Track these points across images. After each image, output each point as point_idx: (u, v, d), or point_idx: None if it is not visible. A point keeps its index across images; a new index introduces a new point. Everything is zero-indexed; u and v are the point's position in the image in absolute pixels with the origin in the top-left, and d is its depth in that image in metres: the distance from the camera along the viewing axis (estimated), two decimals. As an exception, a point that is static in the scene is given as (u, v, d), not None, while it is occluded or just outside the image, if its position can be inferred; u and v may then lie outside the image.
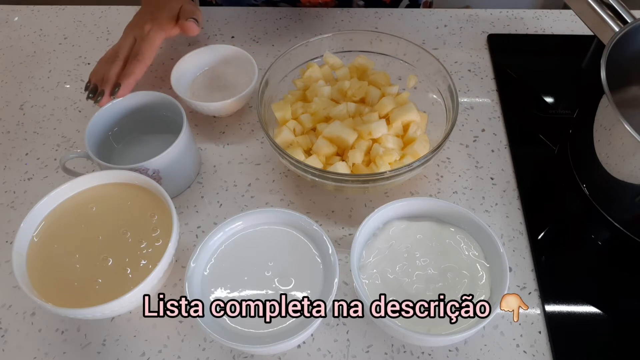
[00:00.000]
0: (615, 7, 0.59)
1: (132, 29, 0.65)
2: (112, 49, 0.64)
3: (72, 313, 0.43)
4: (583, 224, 0.58)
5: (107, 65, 0.61)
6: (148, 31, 0.63)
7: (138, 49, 0.62)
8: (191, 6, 0.67)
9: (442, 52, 0.74)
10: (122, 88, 0.59)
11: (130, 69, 0.60)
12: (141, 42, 0.62)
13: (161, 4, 0.66)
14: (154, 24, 0.64)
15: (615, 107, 0.49)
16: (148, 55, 0.62)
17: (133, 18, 0.68)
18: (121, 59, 0.62)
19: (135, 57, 0.61)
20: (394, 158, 0.54)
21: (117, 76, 0.60)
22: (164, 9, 0.66)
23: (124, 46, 0.63)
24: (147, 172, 0.53)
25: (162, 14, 0.65)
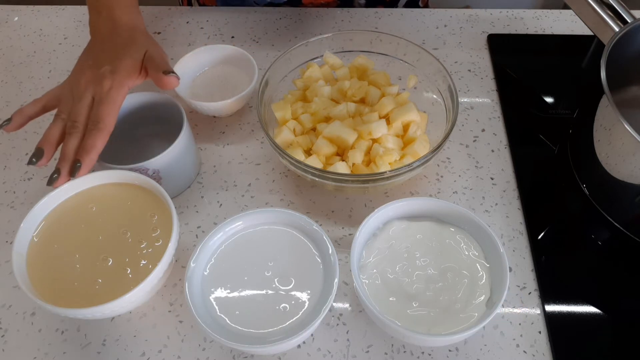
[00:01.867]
0: (615, 7, 0.59)
1: (86, 81, 0.53)
2: (61, 106, 0.53)
3: (72, 313, 0.43)
4: (583, 224, 0.58)
5: (55, 130, 0.52)
6: (108, 89, 0.52)
7: (98, 115, 0.51)
8: (158, 50, 0.57)
9: (442, 52, 0.74)
10: (83, 167, 0.49)
11: (90, 142, 0.50)
12: (100, 106, 0.51)
13: (120, 48, 0.55)
14: (114, 79, 0.52)
15: (615, 107, 0.49)
16: (110, 121, 0.51)
17: (83, 58, 0.56)
18: (80, 129, 0.51)
19: (96, 125, 0.50)
20: (394, 158, 0.54)
21: (76, 151, 0.50)
22: (125, 56, 0.54)
23: (81, 111, 0.52)
24: (147, 172, 0.53)
25: (123, 64, 0.53)
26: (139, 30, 0.59)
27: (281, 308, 0.47)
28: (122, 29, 0.57)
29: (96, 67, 0.54)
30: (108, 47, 0.56)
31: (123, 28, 0.57)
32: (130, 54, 0.55)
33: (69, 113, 0.52)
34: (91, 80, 0.53)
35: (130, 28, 0.58)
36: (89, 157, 0.50)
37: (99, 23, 0.58)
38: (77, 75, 0.54)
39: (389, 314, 0.46)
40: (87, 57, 0.56)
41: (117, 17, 0.58)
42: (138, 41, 0.57)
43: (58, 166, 0.50)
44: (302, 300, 0.47)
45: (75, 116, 0.51)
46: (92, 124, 0.51)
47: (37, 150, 0.51)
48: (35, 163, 0.50)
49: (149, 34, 0.59)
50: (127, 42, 0.56)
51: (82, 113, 0.52)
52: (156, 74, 0.54)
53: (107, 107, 0.51)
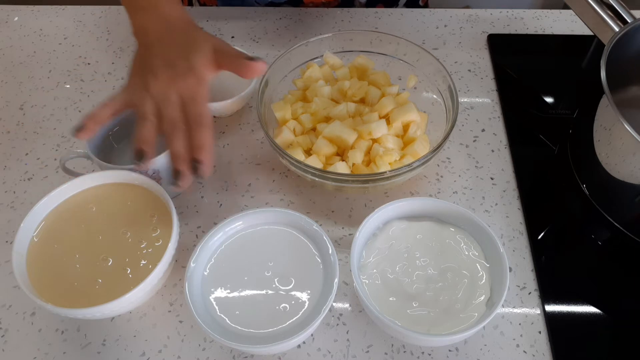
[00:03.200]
0: (615, 7, 0.59)
1: (166, 81, 0.51)
2: (143, 108, 0.50)
3: (72, 313, 0.43)
4: (583, 224, 0.58)
5: (148, 131, 0.50)
6: (194, 86, 0.51)
7: (197, 112, 0.50)
8: (223, 42, 0.55)
9: (442, 52, 0.74)
10: (206, 165, 0.48)
11: (202, 139, 0.49)
12: (195, 102, 0.50)
13: (185, 45, 0.53)
14: (195, 75, 0.51)
15: (615, 107, 0.49)
16: (209, 116, 0.50)
17: (143, 61, 0.53)
18: (182, 128, 0.49)
19: (200, 123, 0.49)
20: (394, 158, 0.55)
21: (188, 150, 0.49)
22: (196, 51, 0.52)
23: (174, 111, 0.50)
24: (147, 172, 0.53)
25: (198, 59, 0.51)
26: (193, 24, 0.56)
27: (281, 308, 0.47)
28: (176, 26, 0.55)
29: (168, 66, 0.51)
30: (170, 45, 0.53)
31: (177, 24, 0.55)
32: (200, 48, 0.52)
33: (156, 114, 0.50)
34: (171, 79, 0.51)
35: (184, 23, 0.55)
36: (208, 154, 0.49)
37: (148, 22, 0.55)
38: (147, 77, 0.52)
39: (389, 314, 0.46)
40: (149, 59, 0.53)
41: (167, 13, 0.55)
42: (199, 35, 0.54)
43: (177, 168, 0.48)
44: (302, 300, 0.47)
45: (171, 116, 0.50)
46: (196, 123, 0.49)
47: (138, 152, 0.49)
48: (139, 163, 0.49)
49: (201, 28, 0.56)
50: (189, 38, 0.54)
51: (177, 113, 0.50)
52: (238, 62, 0.52)
53: (201, 102, 0.50)
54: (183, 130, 0.49)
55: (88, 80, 0.72)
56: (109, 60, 0.75)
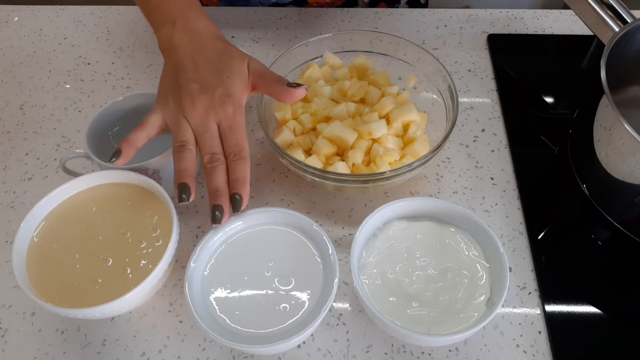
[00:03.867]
0: (615, 7, 0.59)
1: (204, 108, 0.50)
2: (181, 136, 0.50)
3: (72, 313, 0.43)
4: (583, 224, 0.58)
5: (189, 163, 0.49)
6: (233, 115, 0.50)
7: (238, 144, 0.50)
8: (256, 60, 0.54)
9: (442, 52, 0.74)
10: (244, 199, 0.49)
11: (242, 173, 0.49)
12: (234, 134, 0.50)
13: (219, 64, 0.52)
14: (233, 102, 0.50)
15: (615, 107, 0.49)
16: (247, 148, 0.50)
17: (174, 80, 0.52)
18: (222, 160, 0.49)
19: (239, 155, 0.49)
20: (394, 158, 0.55)
21: (226, 183, 0.49)
22: (232, 74, 0.51)
23: (213, 142, 0.50)
24: (147, 172, 0.53)
25: (235, 84, 0.51)
26: (222, 38, 0.55)
27: (281, 308, 0.47)
28: (207, 40, 0.53)
29: (205, 90, 0.50)
30: (205, 66, 0.52)
31: (207, 38, 0.53)
32: (237, 70, 0.52)
33: (194, 143, 0.50)
34: (209, 106, 0.50)
35: (214, 38, 0.54)
36: (246, 188, 0.49)
37: (177, 36, 0.53)
38: (184, 102, 0.50)
39: (389, 314, 0.46)
40: (183, 81, 0.51)
41: (196, 27, 0.54)
42: (233, 53, 0.53)
43: (217, 203, 0.48)
44: (302, 300, 0.47)
45: (211, 148, 0.50)
46: (235, 155, 0.49)
47: (182, 186, 0.48)
48: (187, 199, 0.48)
49: (228, 42, 0.56)
50: (222, 56, 0.53)
51: (217, 144, 0.50)
52: (277, 88, 0.52)
53: (241, 134, 0.50)
54: (223, 163, 0.49)
55: (88, 80, 0.72)
56: (109, 60, 0.75)
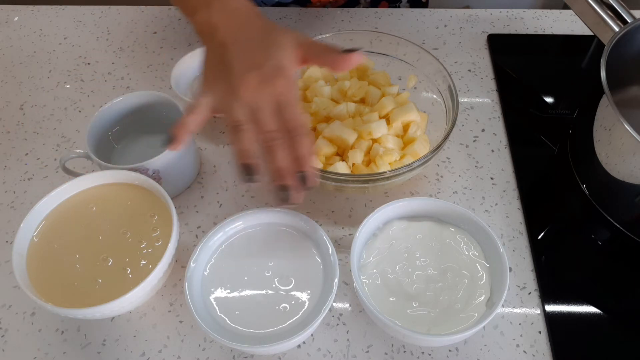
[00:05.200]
0: (615, 7, 0.59)
1: (256, 85, 0.47)
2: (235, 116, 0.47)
3: (72, 313, 0.43)
4: (583, 224, 0.58)
5: (249, 144, 0.46)
6: (286, 89, 0.47)
7: (296, 120, 0.47)
8: (304, 35, 0.51)
9: (442, 52, 0.74)
10: (312, 176, 0.46)
11: (305, 150, 0.46)
12: (290, 108, 0.47)
13: (265, 40, 0.49)
14: (284, 75, 0.47)
15: (615, 107, 0.49)
16: (305, 121, 0.48)
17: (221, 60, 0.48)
18: (282, 138, 0.47)
19: (299, 131, 0.47)
20: (394, 158, 0.54)
21: (289, 162, 0.46)
22: (280, 47, 0.48)
23: (268, 119, 0.47)
24: (147, 172, 0.53)
25: (285, 56, 0.48)
26: (262, 16, 0.52)
27: (281, 308, 0.47)
28: (248, 19, 0.50)
29: (254, 67, 0.47)
30: (249, 43, 0.49)
31: (247, 18, 0.51)
32: (283, 42, 0.49)
33: (248, 122, 0.47)
34: (260, 82, 0.47)
35: (254, 15, 0.51)
36: (312, 164, 0.46)
37: (215, 17, 0.50)
38: (233, 81, 0.47)
39: (389, 314, 0.46)
40: (229, 60, 0.48)
41: (233, 5, 0.51)
42: (277, 29, 0.50)
43: (282, 183, 0.46)
44: (302, 300, 0.47)
45: (268, 126, 0.47)
46: (296, 131, 0.46)
47: (245, 166, 0.46)
48: (254, 179, 0.46)
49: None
50: (267, 33, 0.50)
51: (273, 121, 0.47)
52: (331, 56, 0.49)
53: (296, 107, 0.47)
54: (281, 142, 0.47)
55: (88, 80, 0.72)
56: (109, 60, 0.75)
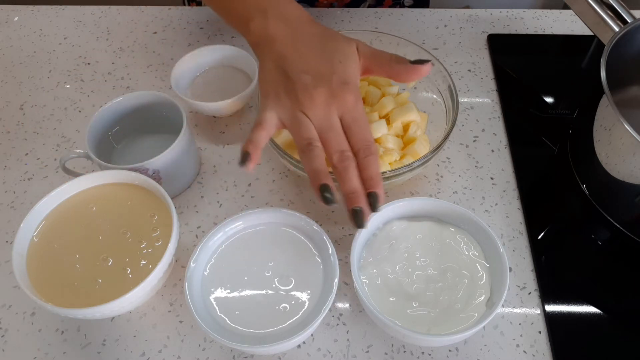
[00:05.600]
0: (615, 7, 0.59)
1: (324, 100, 0.46)
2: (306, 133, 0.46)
3: (72, 313, 0.43)
4: (583, 224, 0.58)
5: (321, 164, 0.45)
6: (354, 105, 0.46)
7: (366, 138, 0.46)
8: (366, 44, 0.50)
9: (442, 52, 0.74)
10: (381, 197, 0.45)
11: (375, 170, 0.45)
12: (360, 126, 0.46)
13: (327, 50, 0.48)
14: (351, 90, 0.46)
15: (615, 107, 0.49)
16: (373, 139, 0.47)
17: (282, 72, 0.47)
18: (352, 158, 0.46)
19: (369, 150, 0.46)
20: (394, 158, 0.55)
21: (360, 182, 0.45)
22: (344, 59, 0.47)
23: (339, 138, 0.46)
24: (147, 172, 0.53)
25: (349, 69, 0.47)
26: (318, 23, 0.50)
27: (281, 308, 0.47)
28: (305, 26, 0.49)
29: (320, 80, 0.46)
30: (309, 51, 0.48)
31: (304, 24, 0.50)
32: (347, 53, 0.48)
33: (319, 140, 0.46)
34: (329, 98, 0.46)
35: (310, 22, 0.50)
36: (381, 185, 0.45)
37: (272, 25, 0.49)
38: (300, 95, 0.46)
39: (389, 314, 0.46)
40: (291, 72, 0.47)
41: (289, 13, 0.50)
42: (336, 36, 0.49)
43: (357, 205, 0.44)
44: (302, 300, 0.47)
45: (339, 145, 0.46)
46: (365, 150, 0.46)
47: (323, 187, 0.45)
48: (333, 200, 0.45)
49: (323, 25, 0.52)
50: (326, 41, 0.49)
51: (344, 140, 0.46)
52: (398, 67, 0.48)
53: (366, 125, 0.47)
54: (353, 160, 0.46)
55: (88, 80, 0.72)
56: (109, 60, 0.75)
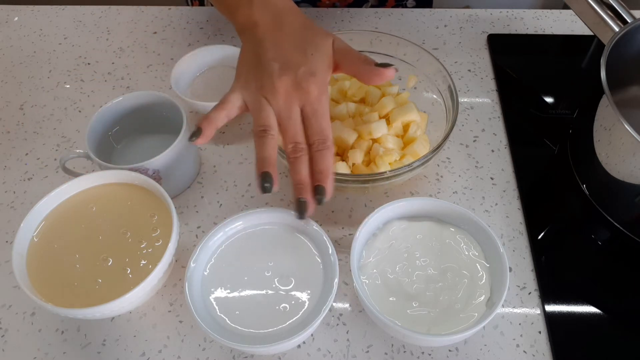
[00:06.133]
0: (615, 7, 0.59)
1: (286, 89, 0.46)
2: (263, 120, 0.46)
3: (72, 313, 0.43)
4: (583, 224, 0.58)
5: (272, 151, 0.46)
6: (317, 97, 0.46)
7: (322, 132, 0.46)
8: (343, 41, 0.50)
9: (442, 52, 0.74)
10: (328, 192, 0.45)
11: (326, 164, 0.46)
12: (319, 119, 0.46)
13: (301, 41, 0.48)
14: (317, 82, 0.46)
15: (615, 107, 0.49)
16: (332, 135, 0.47)
17: (255, 57, 0.48)
18: (306, 150, 0.46)
19: (324, 144, 0.46)
20: (394, 158, 0.55)
21: (309, 174, 0.46)
22: (316, 51, 0.47)
23: (296, 128, 0.46)
24: (147, 172, 0.53)
25: (319, 62, 0.47)
26: (303, 16, 0.50)
27: (281, 308, 0.47)
28: (288, 16, 0.50)
29: (287, 69, 0.47)
30: (286, 42, 0.48)
31: (288, 14, 0.50)
32: (321, 46, 0.48)
33: (276, 128, 0.47)
34: (292, 88, 0.46)
35: (295, 12, 0.50)
36: (330, 180, 0.46)
37: (256, 15, 0.49)
38: (264, 80, 0.47)
39: (389, 314, 0.46)
40: (263, 58, 0.48)
41: (275, 3, 0.50)
42: (316, 29, 0.49)
43: (302, 196, 0.45)
44: (302, 300, 0.47)
45: (295, 136, 0.46)
46: (320, 143, 0.46)
47: (265, 175, 0.45)
48: (270, 189, 0.45)
49: (311, 20, 0.51)
50: (305, 32, 0.49)
51: (301, 131, 0.47)
52: (364, 67, 0.48)
53: (325, 119, 0.47)
54: (306, 152, 0.46)
55: (88, 80, 0.72)
56: (109, 60, 0.75)
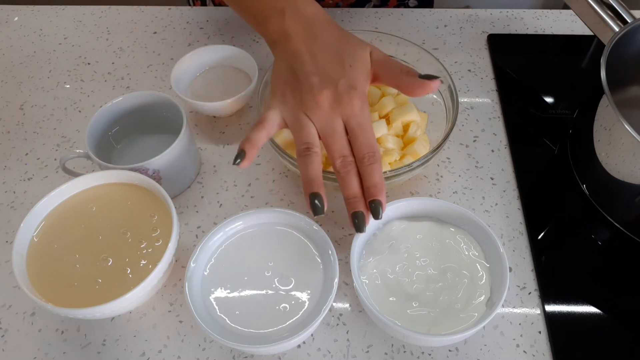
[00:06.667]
0: (615, 7, 0.59)
1: (329, 104, 0.46)
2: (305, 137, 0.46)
3: (72, 313, 0.43)
4: (583, 224, 0.58)
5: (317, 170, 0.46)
6: (360, 111, 0.46)
7: (370, 145, 0.45)
8: (381, 51, 0.50)
9: (442, 52, 0.74)
10: (384, 205, 0.46)
11: (378, 178, 0.45)
12: (365, 132, 0.46)
13: (339, 52, 0.47)
14: (358, 95, 0.46)
15: (615, 107, 0.49)
16: (378, 147, 0.46)
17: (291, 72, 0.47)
18: (354, 164, 0.46)
19: (373, 157, 0.45)
20: (394, 158, 0.55)
21: (361, 188, 0.46)
22: (355, 63, 0.47)
23: (343, 143, 0.46)
24: (147, 172, 0.53)
25: (358, 73, 0.46)
26: (336, 24, 0.50)
27: (281, 308, 0.47)
28: (322, 27, 0.49)
29: (327, 82, 0.46)
30: (322, 53, 0.47)
31: (321, 24, 0.49)
32: (359, 57, 0.47)
33: (319, 145, 0.46)
34: (334, 102, 0.46)
35: (328, 23, 0.49)
36: (384, 194, 0.45)
37: (289, 24, 0.48)
38: (304, 97, 0.46)
39: (389, 314, 0.46)
40: (301, 72, 0.47)
41: (307, 13, 0.49)
42: (351, 39, 0.49)
43: (356, 210, 0.45)
44: (302, 300, 0.47)
45: (342, 151, 0.46)
46: (370, 158, 0.45)
47: (314, 196, 0.45)
48: (322, 211, 0.45)
49: (342, 28, 0.51)
50: (340, 43, 0.48)
51: (347, 145, 0.46)
52: (407, 79, 0.47)
53: (370, 131, 0.46)
54: (355, 167, 0.46)
55: (88, 80, 0.72)
56: (109, 60, 0.75)
